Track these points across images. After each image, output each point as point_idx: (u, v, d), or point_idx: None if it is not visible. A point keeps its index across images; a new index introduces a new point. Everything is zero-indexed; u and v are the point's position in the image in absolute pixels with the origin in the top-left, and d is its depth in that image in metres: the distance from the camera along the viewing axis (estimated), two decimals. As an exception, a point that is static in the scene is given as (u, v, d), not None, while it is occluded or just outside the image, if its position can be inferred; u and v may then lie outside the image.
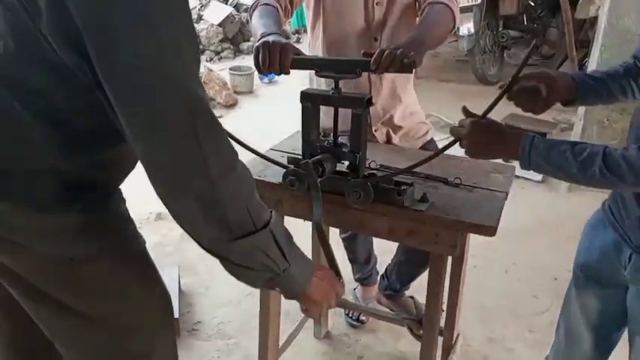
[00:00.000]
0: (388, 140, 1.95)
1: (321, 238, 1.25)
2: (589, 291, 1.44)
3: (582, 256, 1.44)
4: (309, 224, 1.57)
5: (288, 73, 1.43)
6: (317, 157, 1.36)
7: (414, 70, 1.94)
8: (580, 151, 1.13)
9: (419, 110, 2.04)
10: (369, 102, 1.34)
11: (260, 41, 1.45)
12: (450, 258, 1.57)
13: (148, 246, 1.14)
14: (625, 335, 1.43)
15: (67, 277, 1.00)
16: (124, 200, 1.11)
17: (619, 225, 1.29)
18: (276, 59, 1.41)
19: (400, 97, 1.92)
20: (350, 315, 2.42)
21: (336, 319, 2.42)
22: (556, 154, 1.15)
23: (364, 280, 2.47)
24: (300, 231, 2.05)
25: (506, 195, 1.48)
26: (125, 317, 1.08)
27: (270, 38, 1.45)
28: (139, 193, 1.22)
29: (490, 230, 1.31)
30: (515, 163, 1.40)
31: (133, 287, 1.09)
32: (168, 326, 1.22)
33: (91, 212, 1.00)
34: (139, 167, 0.99)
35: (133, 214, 1.09)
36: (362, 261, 2.41)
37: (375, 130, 1.94)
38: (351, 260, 2.43)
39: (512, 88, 1.31)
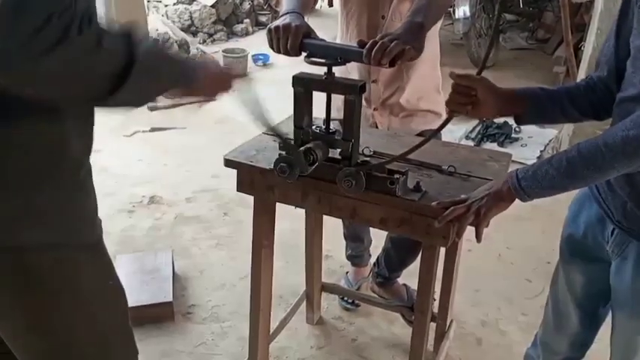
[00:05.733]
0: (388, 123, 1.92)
1: None
2: (574, 266, 1.45)
3: (567, 230, 1.46)
4: (301, 211, 1.57)
5: (297, 55, 1.42)
6: (308, 144, 1.34)
7: (438, 53, 1.92)
8: (558, 163, 1.16)
9: (432, 97, 1.96)
10: (363, 88, 1.32)
11: (273, 24, 1.45)
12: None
13: (141, 230, 1.12)
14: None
15: (13, 269, 0.95)
16: (91, 185, 1.06)
17: (603, 200, 1.30)
18: (284, 42, 1.41)
19: (407, 77, 1.85)
20: (344, 298, 2.43)
21: (329, 302, 2.43)
22: (542, 178, 1.17)
23: (356, 259, 2.48)
24: (292, 217, 2.07)
25: (501, 184, 1.47)
26: (75, 314, 1.04)
27: (284, 20, 1.44)
28: (132, 176, 1.21)
29: (484, 222, 1.29)
30: (511, 150, 1.40)
31: (84, 280, 1.05)
32: (123, 321, 1.18)
33: (50, 198, 0.96)
34: (131, 150, 0.97)
35: (125, 198, 1.07)
36: (356, 238, 2.42)
37: (375, 109, 1.92)
38: (345, 236, 2.44)
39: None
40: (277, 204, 1.63)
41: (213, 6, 6.68)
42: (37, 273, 0.97)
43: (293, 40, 1.40)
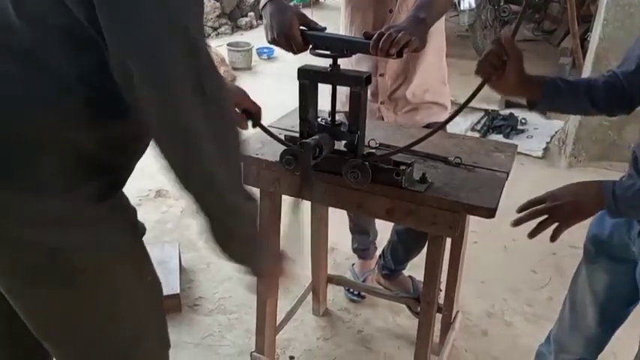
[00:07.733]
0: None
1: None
2: (599, 265, 1.44)
3: (594, 229, 1.45)
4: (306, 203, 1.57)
5: (303, 51, 1.46)
6: (314, 136, 1.35)
7: (444, 45, 1.93)
8: None
9: (438, 89, 1.96)
10: (368, 80, 1.33)
11: (269, 35, 1.51)
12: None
13: (148, 223, 1.12)
14: (631, 316, 1.45)
15: (55, 268, 0.95)
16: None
17: None
18: (290, 49, 1.46)
19: (413, 69, 1.86)
20: (350, 290, 2.44)
21: (335, 294, 2.45)
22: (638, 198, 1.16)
23: (362, 252, 2.49)
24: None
25: (507, 175, 1.47)
26: (115, 308, 1.05)
27: (276, 30, 1.48)
28: (138, 170, 1.20)
29: (489, 212, 1.29)
30: (517, 141, 1.39)
31: (125, 278, 1.06)
32: (159, 313, 1.20)
33: (97, 199, 0.96)
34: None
35: (133, 191, 1.07)
36: (362, 231, 2.43)
37: (382, 103, 1.92)
38: (351, 229, 2.45)
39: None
40: (283, 196, 1.64)
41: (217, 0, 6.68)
42: (78, 272, 0.97)
43: (296, 43, 1.43)
